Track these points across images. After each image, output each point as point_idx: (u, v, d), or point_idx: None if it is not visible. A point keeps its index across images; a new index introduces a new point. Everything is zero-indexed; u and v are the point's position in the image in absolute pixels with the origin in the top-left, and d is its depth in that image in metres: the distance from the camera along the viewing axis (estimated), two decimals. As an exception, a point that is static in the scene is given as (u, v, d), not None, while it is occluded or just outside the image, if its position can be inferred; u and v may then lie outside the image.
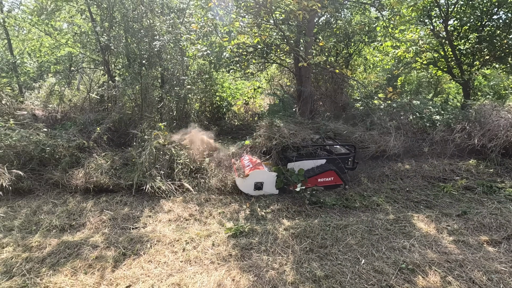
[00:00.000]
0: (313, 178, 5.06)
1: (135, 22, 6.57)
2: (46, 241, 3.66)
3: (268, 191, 4.96)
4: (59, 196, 4.74)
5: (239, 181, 4.90)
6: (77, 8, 9.37)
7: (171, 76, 7.22)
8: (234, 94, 9.88)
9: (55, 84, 8.61)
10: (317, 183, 5.09)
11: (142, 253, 3.48)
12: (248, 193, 4.93)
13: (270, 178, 4.91)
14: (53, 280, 3.03)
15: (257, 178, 4.88)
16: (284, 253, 3.53)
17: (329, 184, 5.16)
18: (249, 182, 4.87)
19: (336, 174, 5.14)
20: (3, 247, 3.52)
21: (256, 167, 4.94)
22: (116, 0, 7.32)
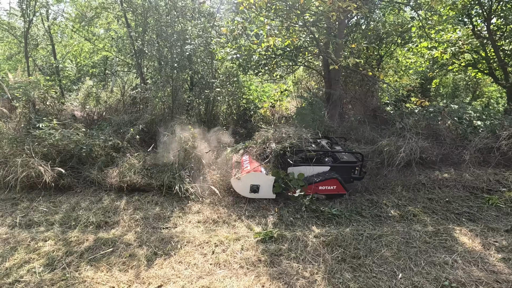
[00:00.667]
0: (314, 185, 4.78)
1: (168, 26, 6.77)
2: (84, 236, 3.84)
3: (264, 195, 4.76)
4: (95, 193, 4.96)
5: (235, 182, 4.76)
6: (114, 15, 9.88)
7: (200, 79, 7.36)
8: (261, 97, 9.88)
9: (92, 87, 9.10)
10: (318, 190, 4.82)
11: (172, 254, 3.53)
12: (243, 195, 4.78)
13: (267, 182, 4.70)
14: (90, 275, 3.15)
15: (253, 181, 4.70)
16: (315, 262, 3.41)
17: (331, 193, 4.88)
18: (244, 184, 4.71)
19: (339, 183, 4.84)
20: (46, 240, 3.73)
21: (253, 169, 4.77)
22: (150, 7, 7.63)
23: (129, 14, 8.79)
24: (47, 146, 5.34)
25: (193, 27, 7.05)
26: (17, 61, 11.48)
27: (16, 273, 3.17)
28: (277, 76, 8.48)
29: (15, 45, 10.66)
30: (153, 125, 7.03)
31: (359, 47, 6.41)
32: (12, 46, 10.64)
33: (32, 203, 4.56)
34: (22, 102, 5.56)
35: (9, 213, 4.32)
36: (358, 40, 6.87)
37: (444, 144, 6.32)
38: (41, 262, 3.33)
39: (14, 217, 4.21)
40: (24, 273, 3.18)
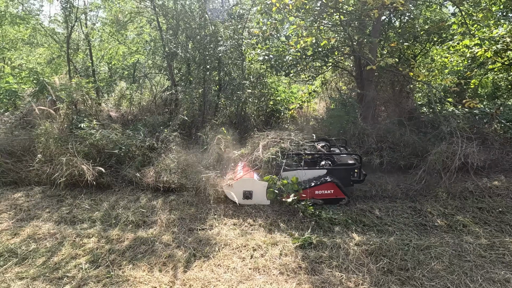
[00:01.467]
0: (310, 190, 4.57)
1: (200, 28, 6.85)
2: (124, 235, 3.92)
3: (258, 201, 4.62)
4: (133, 192, 5.09)
5: (226, 189, 4.64)
6: (146, 19, 10.20)
7: (231, 80, 7.37)
8: (289, 98, 9.74)
9: (127, 89, 9.43)
10: (315, 195, 4.61)
11: (211, 256, 3.51)
12: (236, 201, 4.60)
13: (260, 187, 4.55)
14: (133, 274, 3.20)
15: (246, 187, 4.57)
16: (359, 272, 3.24)
17: (328, 198, 4.64)
18: (237, 190, 4.58)
19: (336, 187, 4.59)
20: (90, 237, 3.85)
21: (245, 175, 4.65)
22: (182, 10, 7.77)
23: (160, 18, 9.03)
24: (88, 145, 5.57)
25: (225, 29, 7.07)
26: (57, 64, 12.19)
27: (64, 268, 3.29)
28: (308, 77, 8.31)
29: (56, 49, 11.33)
30: (185, 126, 7.14)
31: (398, 46, 6.09)
32: (54, 50, 11.31)
33: (75, 200, 4.76)
34: (66, 103, 5.85)
35: (55, 209, 4.52)
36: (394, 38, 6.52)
37: (492, 148, 5.86)
38: (86, 258, 3.44)
39: (60, 214, 4.40)
40: (71, 268, 3.29)
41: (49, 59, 12.65)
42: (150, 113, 8.77)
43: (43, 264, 3.35)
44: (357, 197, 5.03)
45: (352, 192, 5.02)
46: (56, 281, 3.11)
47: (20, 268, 3.30)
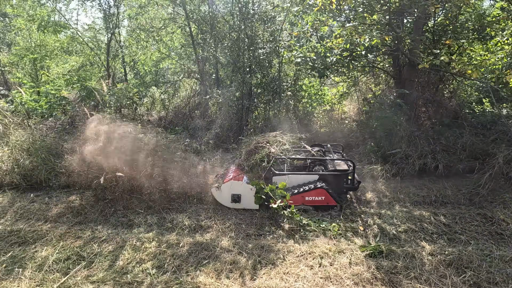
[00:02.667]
0: (299, 196, 4.42)
1: (241, 31, 6.83)
2: (183, 239, 3.87)
3: (247, 205, 4.52)
4: (183, 196, 5.07)
5: (215, 191, 4.60)
6: (178, 25, 10.36)
7: (269, 83, 7.29)
8: (321, 100, 9.53)
9: (161, 93, 9.57)
10: (305, 201, 4.45)
11: (277, 264, 3.38)
12: (225, 205, 4.58)
13: (249, 191, 4.45)
14: (202, 281, 3.12)
15: (234, 190, 4.50)
16: (443, 284, 3.00)
17: (319, 204, 4.46)
18: (225, 194, 4.54)
19: (327, 194, 4.40)
20: (150, 241, 3.82)
21: (233, 178, 4.55)
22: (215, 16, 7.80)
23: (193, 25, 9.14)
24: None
25: (264, 32, 7.02)
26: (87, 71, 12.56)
27: (131, 272, 3.26)
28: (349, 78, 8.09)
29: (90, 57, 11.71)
30: (224, 129, 7.11)
31: (453, 43, 5.78)
32: (90, 58, 11.70)
33: (129, 204, 4.78)
34: (113, 108, 5.96)
35: (110, 212, 4.55)
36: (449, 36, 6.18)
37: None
38: (152, 263, 3.40)
39: (116, 217, 4.43)
40: (138, 272, 3.26)
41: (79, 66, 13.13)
42: (184, 118, 8.86)
43: (110, 268, 3.34)
44: (415, 202, 4.76)
45: (346, 200, 4.75)
46: (126, 285, 3.08)
47: (88, 271, 3.30)
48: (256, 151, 4.77)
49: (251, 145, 4.92)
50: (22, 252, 3.62)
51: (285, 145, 4.78)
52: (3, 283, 3.12)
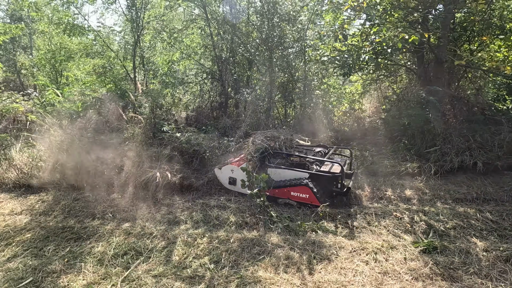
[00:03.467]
0: (284, 190, 4.64)
1: (270, 31, 6.89)
2: (232, 235, 3.94)
3: (241, 189, 4.93)
4: (221, 194, 5.15)
5: (218, 172, 5.14)
6: (198, 26, 10.46)
7: (296, 82, 7.34)
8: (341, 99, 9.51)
9: (185, 93, 9.68)
10: (290, 196, 4.64)
11: (332, 259, 3.41)
12: (224, 185, 5.13)
13: (243, 177, 4.77)
14: (262, 275, 3.17)
15: (231, 173, 4.98)
16: (504, 279, 3.00)
17: (303, 201, 4.57)
18: (224, 175, 5.07)
19: (311, 192, 4.46)
20: (202, 238, 3.90)
21: (233, 163, 5.05)
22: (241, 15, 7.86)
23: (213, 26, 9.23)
24: (170, 149, 5.74)
25: (293, 31, 7.06)
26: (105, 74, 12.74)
27: (190, 267, 3.33)
28: (372, 76, 8.08)
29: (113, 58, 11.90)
30: (252, 128, 7.17)
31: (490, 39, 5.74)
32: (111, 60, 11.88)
33: (171, 201, 4.88)
34: (149, 108, 6.07)
35: (156, 210, 4.65)
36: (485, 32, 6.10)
37: None
38: (208, 258, 3.46)
39: (161, 214, 4.52)
40: (197, 267, 3.33)
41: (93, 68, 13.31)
42: (207, 117, 8.96)
43: (168, 263, 3.41)
44: (457, 199, 4.74)
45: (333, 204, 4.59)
46: (188, 280, 3.14)
47: (148, 266, 3.38)
48: (257, 144, 5.07)
49: (255, 139, 5.22)
50: (79, 248, 3.73)
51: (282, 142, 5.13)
52: (68, 276, 3.23)
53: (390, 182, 5.23)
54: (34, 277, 3.20)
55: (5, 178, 5.67)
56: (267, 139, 5.14)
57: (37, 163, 5.72)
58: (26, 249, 3.73)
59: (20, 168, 5.77)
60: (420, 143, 5.86)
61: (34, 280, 3.17)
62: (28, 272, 3.31)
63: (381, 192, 4.94)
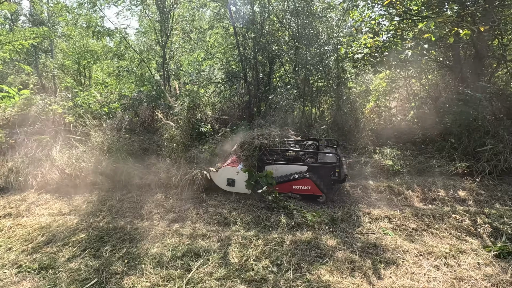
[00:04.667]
0: (287, 184, 4.76)
1: (304, 28, 6.77)
2: (286, 237, 3.85)
3: (240, 190, 4.93)
4: (266, 194, 5.06)
5: (213, 174, 5.04)
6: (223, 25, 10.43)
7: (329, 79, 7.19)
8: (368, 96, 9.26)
9: (213, 92, 9.66)
10: (292, 190, 4.76)
11: (399, 263, 3.28)
12: (221, 187, 5.06)
13: (242, 177, 4.82)
14: (330, 279, 3.06)
15: (229, 175, 4.94)
16: None
17: (306, 193, 4.72)
18: (222, 177, 5.00)
19: (313, 183, 4.64)
20: (256, 239, 3.82)
21: (229, 164, 5.01)
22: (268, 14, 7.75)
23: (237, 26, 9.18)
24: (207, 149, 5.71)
25: (327, 29, 6.92)
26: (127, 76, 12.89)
27: (252, 270, 3.26)
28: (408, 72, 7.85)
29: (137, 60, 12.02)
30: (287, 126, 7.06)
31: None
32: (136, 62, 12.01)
33: (217, 202, 4.83)
34: (187, 109, 6.06)
35: (203, 211, 4.60)
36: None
37: None
38: (269, 261, 3.38)
39: (209, 215, 4.47)
40: (259, 269, 3.25)
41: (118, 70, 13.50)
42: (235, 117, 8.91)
43: (229, 265, 3.35)
44: (517, 199, 4.51)
45: (334, 192, 4.96)
46: (254, 283, 3.07)
47: (208, 268, 3.32)
48: (252, 142, 5.14)
49: (249, 137, 5.28)
50: (135, 249, 3.71)
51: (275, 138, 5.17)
52: (131, 278, 3.21)
53: (440, 183, 5.03)
54: (99, 279, 3.20)
55: (48, 179, 5.76)
56: (259, 137, 5.19)
57: (80, 163, 5.78)
58: (83, 249, 3.74)
59: (62, 169, 5.85)
60: (467, 142, 5.62)
61: (99, 281, 3.17)
62: (91, 273, 3.31)
63: (433, 193, 4.76)
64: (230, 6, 9.25)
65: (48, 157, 6.13)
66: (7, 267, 3.47)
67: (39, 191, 5.56)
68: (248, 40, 9.37)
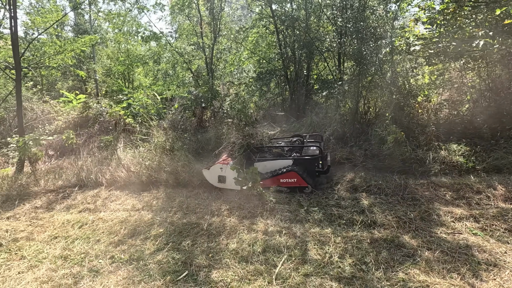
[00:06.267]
0: (275, 178, 4.98)
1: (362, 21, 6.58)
2: (364, 235, 3.75)
3: (231, 186, 5.14)
4: (330, 191, 4.99)
5: (205, 172, 5.35)
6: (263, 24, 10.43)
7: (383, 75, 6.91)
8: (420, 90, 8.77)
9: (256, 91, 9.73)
10: (280, 183, 4.99)
11: (502, 265, 3.05)
12: (213, 184, 5.34)
13: (232, 174, 4.98)
14: (428, 280, 2.93)
15: (220, 172, 5.19)
16: None
17: (293, 186, 4.96)
18: (213, 174, 5.26)
19: (298, 175, 4.88)
20: (335, 236, 3.76)
21: (221, 161, 5.27)
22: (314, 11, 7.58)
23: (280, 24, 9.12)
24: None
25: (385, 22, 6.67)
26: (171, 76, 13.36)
27: (338, 267, 3.20)
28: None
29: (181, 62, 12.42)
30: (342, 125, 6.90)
31: None
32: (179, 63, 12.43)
33: (278, 198, 4.83)
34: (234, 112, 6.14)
35: (271, 207, 4.62)
36: None
37: None
38: (355, 258, 3.31)
39: (279, 213, 4.48)
40: (344, 267, 3.19)
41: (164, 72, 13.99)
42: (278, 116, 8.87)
43: (312, 262, 3.32)
44: None
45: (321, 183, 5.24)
46: (345, 280, 3.02)
47: (292, 264, 3.32)
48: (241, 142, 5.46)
49: (238, 138, 5.57)
50: (215, 243, 3.81)
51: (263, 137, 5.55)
52: (219, 271, 3.29)
53: (525, 180, 4.64)
54: (189, 271, 3.32)
55: (116, 177, 6.11)
56: (246, 137, 5.54)
57: (145, 162, 6.07)
58: (165, 243, 3.91)
59: (128, 167, 6.19)
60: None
61: (190, 273, 3.29)
62: (179, 265, 3.44)
63: (519, 191, 4.39)
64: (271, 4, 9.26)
65: (113, 156, 6.51)
66: (101, 257, 3.72)
67: (109, 188, 5.92)
68: (292, 37, 9.31)
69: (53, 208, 5.27)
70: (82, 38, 8.34)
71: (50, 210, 5.23)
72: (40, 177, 6.30)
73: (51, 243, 4.13)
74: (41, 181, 6.21)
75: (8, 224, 4.68)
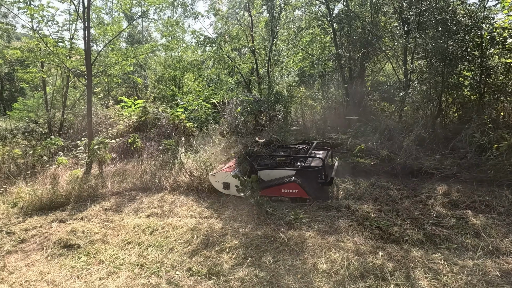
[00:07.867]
0: (275, 188, 4.89)
1: (444, 12, 5.78)
2: (486, 264, 3.03)
3: (235, 193, 5.05)
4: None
5: (211, 178, 5.38)
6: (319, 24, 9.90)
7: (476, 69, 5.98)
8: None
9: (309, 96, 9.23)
10: (281, 193, 4.89)
11: None
12: (219, 190, 5.36)
13: (236, 181, 4.87)
14: None
15: (225, 179, 5.21)
16: None
17: (294, 196, 4.83)
18: (218, 181, 5.28)
19: (300, 187, 4.74)
20: (451, 265, 3.11)
21: (225, 169, 5.27)
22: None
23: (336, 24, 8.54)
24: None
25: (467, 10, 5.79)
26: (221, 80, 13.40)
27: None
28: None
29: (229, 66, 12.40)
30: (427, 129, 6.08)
31: None
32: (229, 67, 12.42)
33: (362, 211, 4.27)
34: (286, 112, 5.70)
35: (351, 219, 4.09)
36: None
37: None
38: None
39: (367, 230, 3.92)
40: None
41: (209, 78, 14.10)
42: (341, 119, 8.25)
43: None
44: None
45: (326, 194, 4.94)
46: None
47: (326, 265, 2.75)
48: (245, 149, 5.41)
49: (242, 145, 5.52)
50: (300, 262, 3.37)
51: None
52: (314, 297, 2.84)
53: None
54: (278, 294, 2.92)
55: (179, 181, 6.02)
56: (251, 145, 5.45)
57: (206, 167, 5.90)
58: (243, 257, 3.57)
59: (190, 171, 6.06)
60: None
61: (280, 297, 2.88)
62: (264, 285, 3.06)
63: None
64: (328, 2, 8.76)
65: (175, 160, 6.45)
66: (177, 268, 3.49)
67: (173, 193, 5.83)
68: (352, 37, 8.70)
69: (122, 211, 5.27)
70: (142, 47, 8.61)
71: (119, 212, 5.23)
72: (107, 179, 6.45)
73: (126, 248, 4.03)
74: (107, 183, 6.34)
75: (83, 225, 4.73)
